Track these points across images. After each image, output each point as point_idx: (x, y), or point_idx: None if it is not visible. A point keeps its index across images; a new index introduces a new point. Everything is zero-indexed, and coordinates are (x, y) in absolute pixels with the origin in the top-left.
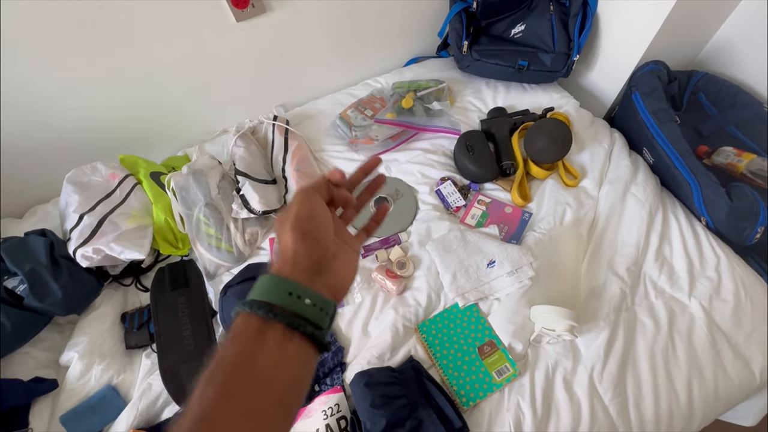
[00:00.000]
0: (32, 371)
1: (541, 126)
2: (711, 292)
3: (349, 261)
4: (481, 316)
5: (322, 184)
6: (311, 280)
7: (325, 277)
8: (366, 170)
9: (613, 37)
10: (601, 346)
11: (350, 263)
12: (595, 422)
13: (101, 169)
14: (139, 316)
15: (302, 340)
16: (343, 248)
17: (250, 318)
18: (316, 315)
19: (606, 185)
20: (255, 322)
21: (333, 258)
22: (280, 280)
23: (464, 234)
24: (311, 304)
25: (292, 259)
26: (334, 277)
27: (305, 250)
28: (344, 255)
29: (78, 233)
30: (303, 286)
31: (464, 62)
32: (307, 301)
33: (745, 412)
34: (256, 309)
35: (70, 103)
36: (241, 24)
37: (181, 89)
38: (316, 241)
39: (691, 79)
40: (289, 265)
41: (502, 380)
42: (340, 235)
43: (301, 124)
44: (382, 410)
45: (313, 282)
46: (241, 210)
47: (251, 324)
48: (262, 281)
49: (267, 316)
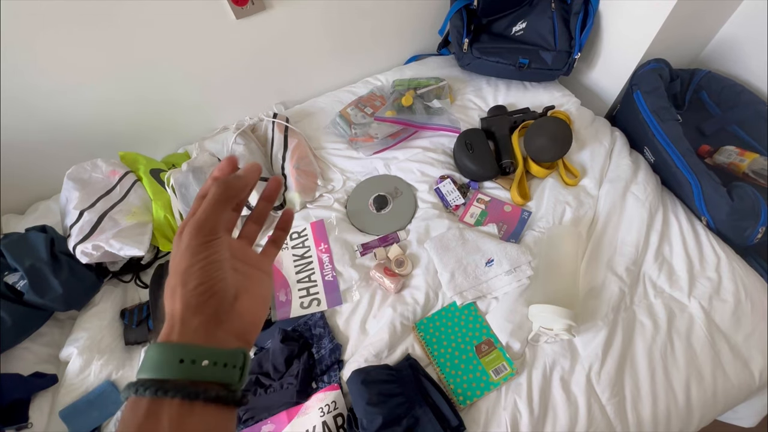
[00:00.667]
0: (32, 366)
1: (541, 124)
2: (711, 292)
3: (258, 290)
4: (479, 315)
5: (216, 215)
6: (208, 334)
7: (228, 323)
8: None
9: (614, 35)
10: (599, 346)
11: (259, 293)
12: (593, 422)
13: (101, 166)
14: (139, 313)
15: (206, 406)
16: (250, 275)
17: (139, 402)
18: (220, 374)
19: (606, 184)
20: (144, 405)
21: (236, 297)
22: (166, 347)
23: (463, 232)
24: (211, 364)
25: (181, 319)
26: (239, 319)
27: (194, 307)
28: (251, 286)
29: (78, 229)
30: (196, 347)
31: (465, 60)
32: (204, 363)
33: (745, 412)
34: (143, 391)
35: (70, 100)
36: (241, 21)
37: (181, 86)
38: (206, 293)
39: (693, 77)
40: (178, 327)
41: (500, 379)
42: (244, 259)
43: (300, 122)
44: (379, 408)
45: (213, 335)
46: None
47: (140, 408)
48: (147, 355)
49: (156, 396)
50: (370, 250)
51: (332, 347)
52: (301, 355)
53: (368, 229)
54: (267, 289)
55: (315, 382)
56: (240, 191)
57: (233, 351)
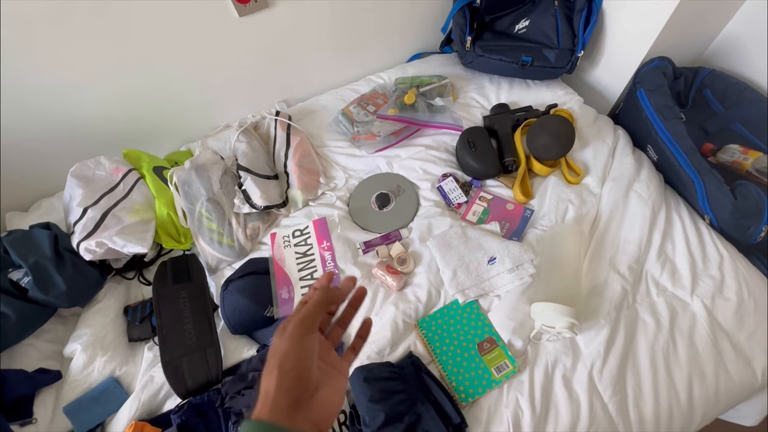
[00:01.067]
0: (36, 362)
1: (543, 122)
2: (713, 290)
3: (336, 387)
4: (481, 313)
5: (316, 314)
6: (291, 418)
7: (307, 410)
8: (348, 292)
9: (618, 32)
10: (602, 344)
11: (336, 389)
12: (594, 420)
13: (105, 164)
14: (142, 310)
15: None
16: (330, 374)
17: None
18: None
19: (609, 182)
20: None
21: (316, 389)
22: (262, 425)
23: (465, 230)
24: None
25: (273, 399)
26: (317, 409)
27: (285, 389)
28: (330, 381)
29: (81, 227)
30: (281, 428)
31: (467, 58)
32: None
33: (747, 411)
34: None
35: (73, 98)
36: (244, 19)
37: (183, 84)
38: (297, 378)
39: (697, 75)
40: (269, 405)
41: (501, 377)
42: (326, 359)
43: (303, 120)
44: (381, 405)
45: (294, 418)
46: (243, 205)
47: None
48: (245, 428)
49: None
50: (372, 248)
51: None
52: None
53: (370, 227)
54: (342, 389)
55: None
56: (336, 299)
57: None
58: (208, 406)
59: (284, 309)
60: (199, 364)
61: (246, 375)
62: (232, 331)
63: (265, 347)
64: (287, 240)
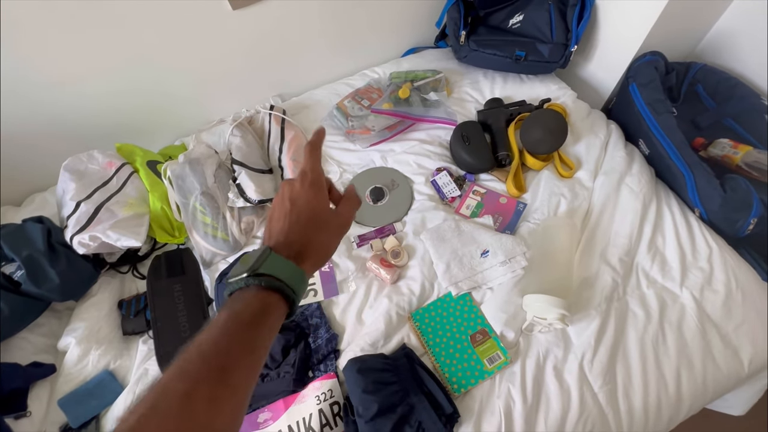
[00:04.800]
0: (30, 356)
1: (537, 117)
2: (702, 282)
3: (336, 229)
4: (474, 305)
5: (318, 162)
6: (300, 259)
7: (312, 253)
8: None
9: (611, 27)
10: (592, 335)
11: (337, 231)
12: (585, 410)
13: (98, 158)
14: (136, 303)
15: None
16: (331, 217)
17: (270, 295)
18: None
19: (601, 176)
20: (275, 297)
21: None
22: (289, 264)
23: (459, 224)
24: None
25: (285, 240)
26: (318, 252)
27: (298, 231)
28: (332, 222)
29: (75, 220)
30: (299, 270)
31: (462, 52)
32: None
33: (734, 401)
34: (284, 287)
35: (67, 92)
36: (238, 12)
37: (177, 78)
38: (311, 219)
39: (689, 70)
40: (283, 246)
41: (494, 368)
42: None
43: (297, 114)
44: (374, 396)
45: (302, 261)
46: (237, 199)
47: (272, 299)
48: (276, 261)
49: (286, 294)
50: (366, 242)
51: (329, 337)
52: (298, 345)
53: (365, 221)
54: (341, 229)
55: (312, 371)
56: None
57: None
58: None
59: None
60: None
61: None
62: None
63: None
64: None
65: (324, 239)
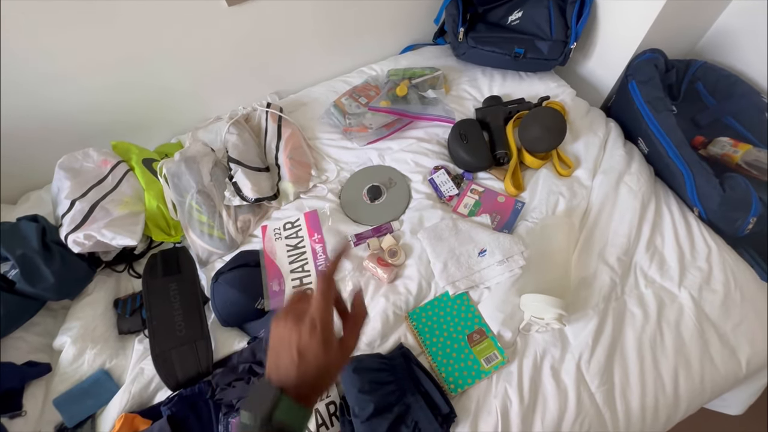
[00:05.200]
0: (26, 355)
1: (535, 115)
2: (701, 282)
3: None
4: (471, 305)
5: (329, 303)
6: (309, 399)
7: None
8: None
9: (611, 24)
10: (590, 335)
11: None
12: (582, 410)
13: (93, 156)
14: (132, 302)
15: None
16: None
17: None
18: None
19: (600, 175)
20: None
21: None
22: (302, 410)
23: (456, 223)
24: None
25: (295, 385)
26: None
27: (309, 380)
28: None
29: (70, 219)
30: (307, 409)
31: (460, 50)
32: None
33: (732, 401)
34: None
35: (61, 90)
36: (234, 9)
37: (173, 75)
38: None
39: (689, 68)
40: (292, 391)
41: (491, 367)
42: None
43: (294, 112)
44: (371, 395)
45: (311, 401)
46: (234, 197)
47: None
48: (287, 407)
49: None
50: (363, 241)
51: None
52: None
53: (362, 220)
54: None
55: None
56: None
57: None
58: (199, 398)
59: (275, 301)
60: (189, 357)
61: (236, 367)
62: (223, 324)
63: (256, 339)
64: (278, 232)
65: (330, 381)
